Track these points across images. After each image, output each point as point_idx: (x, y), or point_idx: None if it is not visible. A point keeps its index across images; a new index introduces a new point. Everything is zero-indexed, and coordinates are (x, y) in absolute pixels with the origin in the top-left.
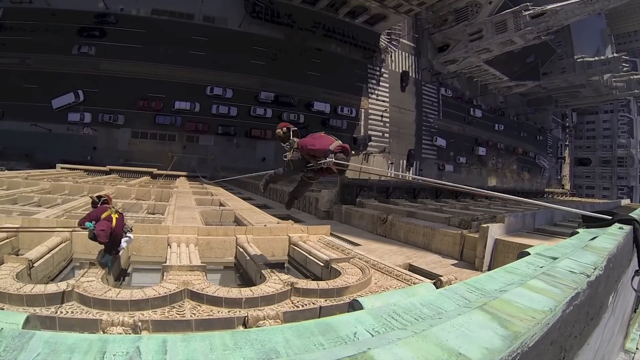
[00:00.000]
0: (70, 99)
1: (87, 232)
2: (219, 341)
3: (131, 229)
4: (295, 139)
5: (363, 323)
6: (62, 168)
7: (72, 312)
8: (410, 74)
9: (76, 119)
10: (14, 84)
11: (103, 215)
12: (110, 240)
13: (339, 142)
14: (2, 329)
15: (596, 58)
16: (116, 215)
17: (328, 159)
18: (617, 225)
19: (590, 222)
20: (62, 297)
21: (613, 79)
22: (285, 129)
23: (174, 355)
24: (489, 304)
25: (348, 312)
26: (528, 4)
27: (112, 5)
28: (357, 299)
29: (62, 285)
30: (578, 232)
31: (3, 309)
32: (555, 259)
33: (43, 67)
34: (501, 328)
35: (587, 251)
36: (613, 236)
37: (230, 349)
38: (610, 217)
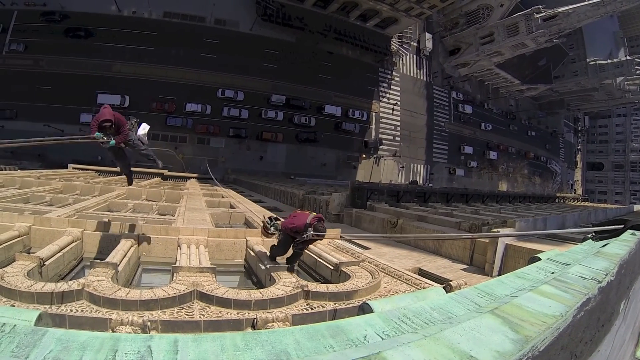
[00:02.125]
0: (116, 101)
1: (103, 142)
2: (229, 342)
3: (137, 121)
4: (278, 222)
5: (373, 326)
6: (73, 168)
7: (82, 311)
8: (421, 78)
9: (88, 120)
10: (28, 85)
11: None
12: (115, 126)
13: (313, 214)
14: (15, 325)
15: (609, 61)
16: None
17: (308, 232)
18: (629, 231)
19: (602, 234)
20: (72, 296)
21: (626, 82)
22: (267, 218)
23: (185, 355)
24: (500, 308)
25: (358, 315)
26: (540, 6)
27: (124, 8)
28: (367, 302)
29: (72, 284)
30: (589, 238)
31: (14, 306)
32: (566, 264)
33: (56, 68)
34: (512, 332)
35: (599, 257)
36: (625, 242)
37: (241, 349)
38: (622, 226)
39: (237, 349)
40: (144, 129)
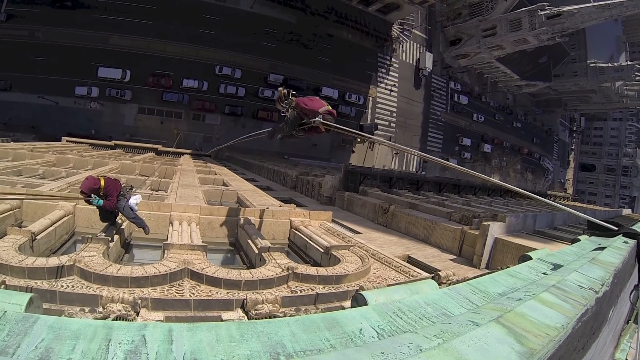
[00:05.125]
0: (116, 75)
1: (96, 204)
2: (225, 332)
3: (131, 188)
4: (294, 98)
5: (368, 319)
6: (67, 141)
7: (73, 287)
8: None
9: (83, 93)
10: (23, 56)
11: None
12: (104, 192)
13: (329, 107)
14: (5, 312)
15: (609, 64)
16: (102, 178)
17: (317, 118)
18: (622, 238)
19: (595, 230)
20: (63, 271)
21: (625, 87)
22: (286, 90)
23: (180, 345)
24: (505, 316)
25: (352, 306)
26: (544, 3)
27: None
28: (362, 292)
29: (63, 259)
30: (580, 240)
31: (5, 282)
32: (557, 266)
33: (52, 39)
34: (517, 344)
35: (595, 265)
36: (619, 250)
37: (237, 340)
38: (616, 229)
39: (232, 339)
40: (136, 199)
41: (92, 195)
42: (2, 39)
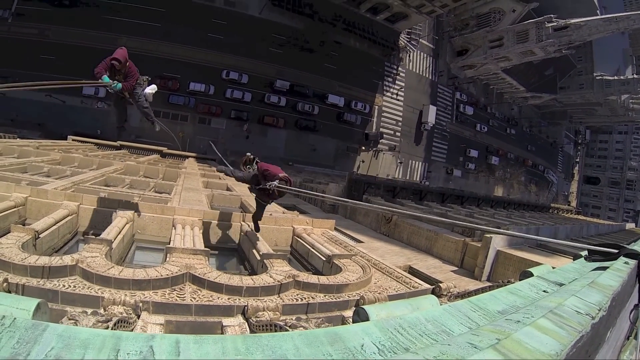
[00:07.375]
0: None
1: (114, 88)
2: (231, 345)
3: (148, 79)
4: (256, 164)
5: (370, 335)
6: (73, 140)
7: (75, 287)
8: (427, 76)
9: (90, 93)
10: (32, 54)
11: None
12: (124, 73)
13: (285, 174)
14: (15, 318)
15: (616, 77)
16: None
17: (272, 183)
18: (622, 259)
19: (595, 255)
20: (65, 271)
21: (630, 101)
22: (252, 156)
23: (187, 357)
24: (502, 343)
25: (354, 320)
26: (552, 16)
27: None
28: (364, 307)
29: (66, 259)
30: (582, 256)
31: (7, 280)
32: (558, 284)
33: (62, 39)
34: None
35: (593, 289)
36: (618, 272)
37: (242, 354)
38: (617, 251)
39: (238, 352)
40: (152, 88)
41: (112, 82)
42: (12, 37)
